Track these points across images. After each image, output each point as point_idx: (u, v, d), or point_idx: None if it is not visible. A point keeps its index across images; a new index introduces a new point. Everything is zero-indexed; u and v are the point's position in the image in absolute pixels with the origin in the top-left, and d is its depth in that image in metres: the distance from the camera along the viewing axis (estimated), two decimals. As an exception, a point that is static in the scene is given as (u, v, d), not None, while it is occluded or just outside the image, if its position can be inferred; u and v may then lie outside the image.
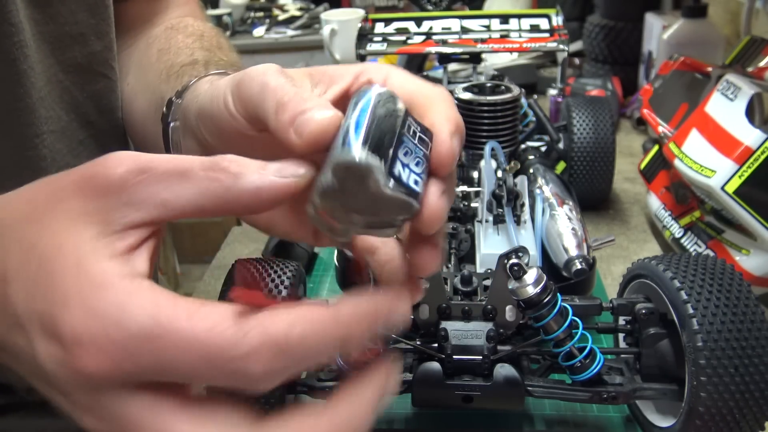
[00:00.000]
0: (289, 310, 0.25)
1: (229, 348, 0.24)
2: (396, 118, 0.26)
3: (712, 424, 0.44)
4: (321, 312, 0.25)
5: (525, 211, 0.64)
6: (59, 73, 0.55)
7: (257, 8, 2.01)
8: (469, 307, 0.51)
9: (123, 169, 0.26)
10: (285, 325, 0.25)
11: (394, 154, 0.26)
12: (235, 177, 0.26)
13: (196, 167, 0.27)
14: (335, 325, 0.25)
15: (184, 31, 0.59)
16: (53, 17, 0.53)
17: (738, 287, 0.46)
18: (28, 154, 0.52)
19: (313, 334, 0.25)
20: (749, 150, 0.63)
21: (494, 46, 0.86)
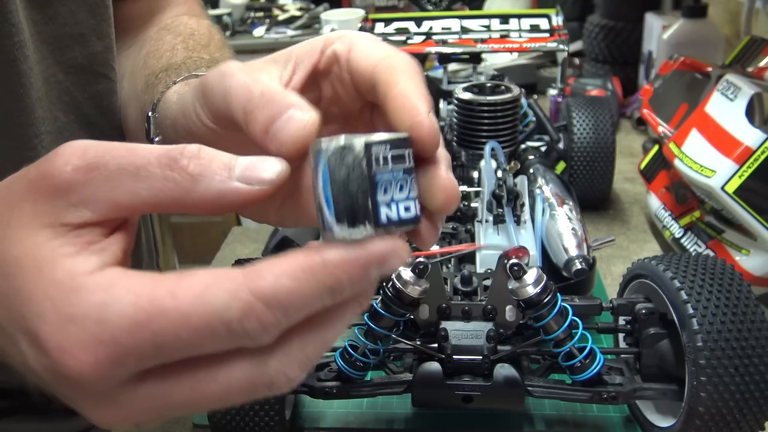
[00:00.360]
0: (275, 262, 0.24)
1: (219, 313, 0.23)
2: (360, 166, 0.25)
3: (712, 424, 0.44)
4: (308, 260, 0.24)
5: (525, 211, 0.64)
6: (59, 73, 0.55)
7: (257, 8, 2.01)
8: (469, 307, 0.51)
9: (71, 166, 0.25)
10: (271, 279, 0.24)
11: (374, 203, 0.25)
12: (194, 180, 0.25)
13: (152, 164, 0.25)
14: (324, 271, 0.24)
15: (174, 30, 0.59)
16: (53, 18, 0.53)
17: (738, 287, 0.46)
18: (28, 155, 0.52)
19: (301, 284, 0.24)
20: (749, 150, 0.63)
21: (494, 46, 0.86)
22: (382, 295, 0.48)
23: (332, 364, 0.51)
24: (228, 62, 0.31)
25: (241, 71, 0.30)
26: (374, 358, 0.51)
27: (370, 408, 0.56)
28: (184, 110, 0.35)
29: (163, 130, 0.42)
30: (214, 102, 0.31)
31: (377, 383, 0.51)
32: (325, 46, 0.31)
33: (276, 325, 0.24)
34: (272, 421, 0.48)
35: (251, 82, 0.29)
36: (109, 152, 0.25)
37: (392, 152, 0.26)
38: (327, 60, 0.32)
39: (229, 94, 0.30)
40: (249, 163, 0.25)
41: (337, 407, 0.56)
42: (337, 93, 0.33)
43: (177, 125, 0.37)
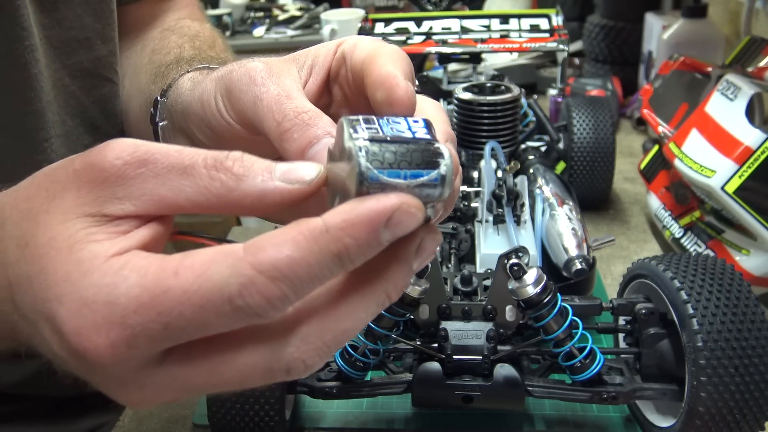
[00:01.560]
0: (277, 232, 0.24)
1: (220, 289, 0.23)
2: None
3: (712, 424, 0.44)
4: (309, 226, 0.23)
5: (525, 211, 0.64)
6: (65, 77, 0.55)
7: (257, 8, 2.01)
8: (469, 307, 0.51)
9: (122, 160, 0.25)
10: (272, 250, 0.23)
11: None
12: (238, 179, 0.25)
13: (199, 164, 0.25)
14: (327, 237, 0.23)
15: (179, 32, 0.59)
16: (60, 22, 0.53)
17: (738, 287, 0.46)
18: (38, 158, 0.52)
19: (304, 252, 0.23)
20: (749, 150, 0.63)
21: (494, 46, 0.86)
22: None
23: (332, 364, 0.51)
24: (253, 62, 0.32)
25: (269, 78, 0.31)
26: (374, 358, 0.51)
27: (370, 408, 0.56)
28: (203, 100, 0.35)
29: (171, 115, 0.42)
30: (241, 106, 0.32)
31: (377, 383, 0.51)
32: (338, 49, 0.33)
33: (282, 298, 0.23)
34: (272, 421, 0.48)
35: (282, 96, 0.30)
36: (158, 150, 0.26)
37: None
38: (337, 62, 0.33)
39: (260, 104, 0.30)
40: (290, 166, 0.26)
41: (337, 407, 0.56)
42: (345, 95, 0.34)
43: (190, 113, 0.38)
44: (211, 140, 0.37)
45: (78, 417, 0.63)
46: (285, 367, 0.26)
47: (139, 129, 0.57)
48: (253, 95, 0.31)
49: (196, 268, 0.24)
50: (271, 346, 0.25)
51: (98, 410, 0.65)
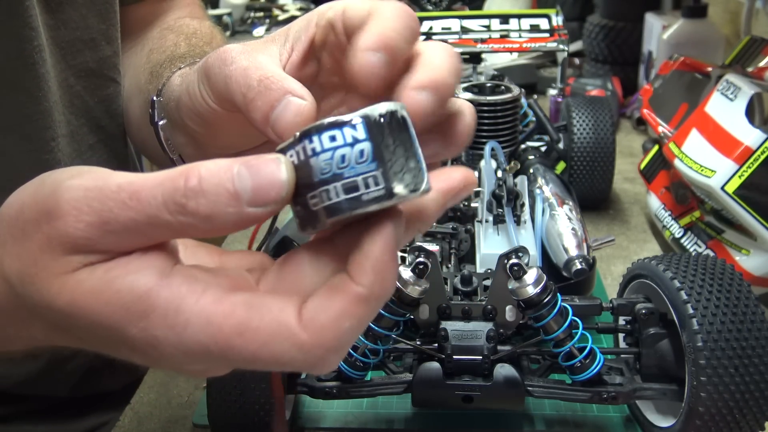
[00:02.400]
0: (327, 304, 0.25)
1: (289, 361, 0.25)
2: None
3: (712, 424, 0.44)
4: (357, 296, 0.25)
5: (525, 211, 0.64)
6: (70, 77, 0.55)
7: (257, 8, 2.01)
8: (469, 307, 0.51)
9: (83, 224, 0.24)
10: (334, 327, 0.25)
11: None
12: (208, 220, 0.24)
13: (162, 211, 0.24)
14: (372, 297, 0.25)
15: (177, 30, 0.59)
16: (65, 23, 0.53)
17: (738, 287, 0.46)
18: (45, 157, 0.52)
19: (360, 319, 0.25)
20: (749, 150, 0.63)
21: (494, 46, 0.86)
22: (382, 295, 0.48)
23: (332, 364, 0.51)
24: (227, 46, 0.32)
25: (241, 54, 0.30)
26: (374, 358, 0.50)
27: (370, 408, 0.56)
28: (189, 90, 0.35)
29: (167, 112, 0.42)
30: (216, 86, 0.32)
31: (377, 383, 0.51)
32: (320, 18, 0.32)
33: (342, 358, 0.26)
34: (272, 421, 0.48)
35: (250, 68, 0.29)
36: (115, 203, 0.24)
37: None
38: (323, 31, 0.32)
39: (229, 80, 0.30)
40: (253, 186, 0.24)
41: (337, 407, 0.56)
42: (336, 62, 0.33)
43: (181, 105, 0.38)
44: (202, 127, 0.37)
45: (78, 417, 0.63)
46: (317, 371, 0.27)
47: (141, 129, 0.57)
48: (224, 75, 0.30)
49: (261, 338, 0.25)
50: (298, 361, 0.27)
51: (98, 410, 0.65)
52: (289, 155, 0.25)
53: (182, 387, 0.61)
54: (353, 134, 0.24)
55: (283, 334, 0.25)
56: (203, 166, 0.24)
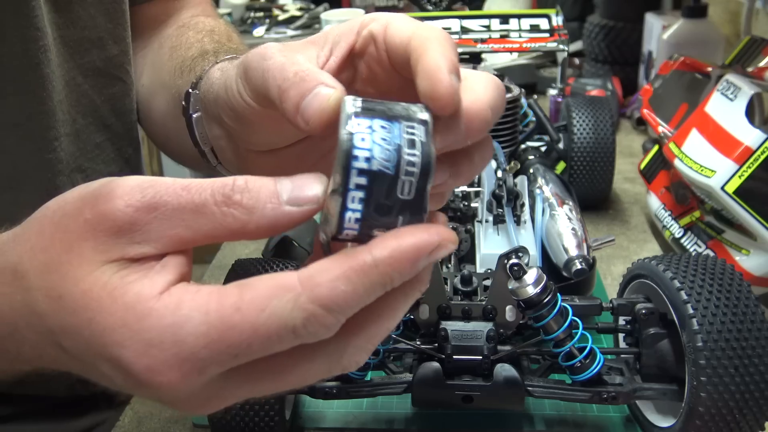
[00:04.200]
0: (326, 266, 0.25)
1: (284, 322, 0.25)
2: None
3: (712, 424, 0.44)
4: (360, 262, 0.25)
5: (525, 211, 0.64)
6: (78, 76, 0.56)
7: (257, 8, 2.01)
8: (469, 307, 0.51)
9: (132, 208, 0.26)
10: (328, 286, 0.25)
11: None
12: (250, 212, 0.26)
13: (209, 202, 0.26)
14: (376, 271, 0.25)
15: (194, 27, 0.60)
16: (74, 21, 0.54)
17: (738, 287, 0.46)
18: (48, 156, 0.53)
19: (356, 286, 0.25)
20: (749, 150, 0.63)
21: (494, 46, 0.86)
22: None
23: (332, 364, 0.51)
24: (268, 44, 0.32)
25: (279, 52, 0.31)
26: (374, 358, 0.51)
27: (370, 408, 0.56)
28: (227, 86, 0.36)
29: (204, 105, 0.43)
30: (254, 81, 0.32)
31: (377, 383, 0.51)
32: (362, 28, 0.32)
33: (337, 324, 0.26)
34: (272, 422, 0.48)
35: (287, 63, 0.30)
36: (166, 192, 0.26)
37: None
38: (363, 41, 0.32)
39: (267, 73, 0.31)
40: (293, 187, 0.26)
41: (337, 407, 0.56)
42: (373, 73, 0.33)
43: (219, 100, 0.39)
44: (236, 123, 0.38)
45: (75, 416, 0.64)
46: (341, 369, 0.28)
47: (166, 124, 0.58)
48: (263, 68, 0.31)
49: (258, 304, 0.25)
50: (330, 357, 0.28)
51: (95, 410, 0.65)
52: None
53: (182, 387, 0.61)
54: None
55: (280, 291, 0.25)
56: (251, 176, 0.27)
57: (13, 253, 0.29)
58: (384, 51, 0.31)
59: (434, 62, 0.27)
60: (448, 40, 0.29)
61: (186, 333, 0.25)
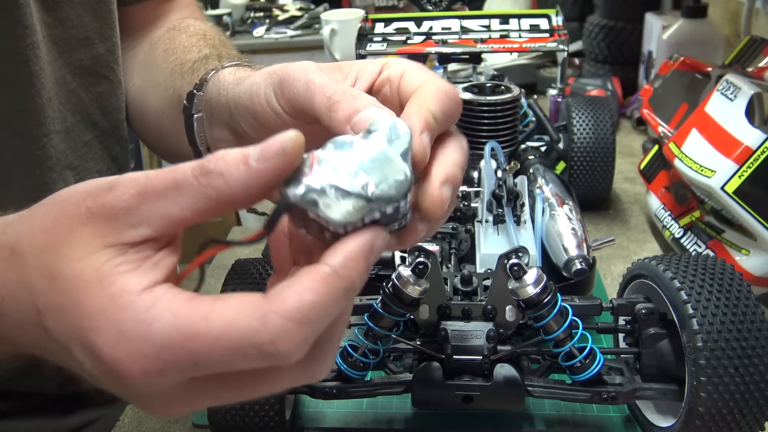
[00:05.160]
0: (289, 283, 0.27)
1: (250, 337, 0.26)
2: None
3: (712, 424, 0.44)
4: (320, 272, 0.27)
5: (525, 211, 0.64)
6: (67, 75, 0.56)
7: (257, 8, 2.01)
8: (469, 307, 0.51)
9: (127, 194, 0.28)
10: (295, 298, 0.26)
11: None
12: (223, 177, 0.27)
13: (188, 176, 0.27)
14: (337, 278, 0.27)
15: (186, 31, 0.62)
16: (62, 20, 0.54)
17: (738, 287, 0.46)
18: (37, 153, 0.53)
19: (322, 295, 0.26)
20: (749, 150, 0.63)
21: (494, 46, 0.86)
22: (382, 295, 0.48)
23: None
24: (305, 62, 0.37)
25: (320, 70, 0.36)
26: (374, 358, 0.50)
27: (370, 408, 0.56)
28: (252, 92, 0.39)
29: (209, 107, 0.46)
30: (293, 91, 0.36)
31: (377, 383, 0.51)
32: (385, 68, 0.36)
33: (307, 341, 0.27)
34: (272, 422, 0.48)
35: (332, 82, 0.34)
36: (156, 176, 0.28)
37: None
38: (381, 80, 0.36)
39: (312, 85, 0.35)
40: (262, 145, 0.28)
41: (337, 407, 0.56)
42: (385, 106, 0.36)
43: (237, 105, 0.41)
44: (257, 131, 0.40)
45: (66, 414, 0.64)
46: (307, 382, 0.29)
47: (160, 122, 0.59)
48: (306, 80, 0.35)
49: (226, 316, 0.26)
50: (296, 374, 0.29)
51: (86, 407, 0.65)
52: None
53: (182, 387, 0.61)
54: None
55: (247, 309, 0.26)
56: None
57: (15, 233, 0.30)
58: (396, 93, 0.35)
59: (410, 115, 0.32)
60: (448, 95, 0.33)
61: (153, 332, 0.26)
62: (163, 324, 0.26)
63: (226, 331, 0.26)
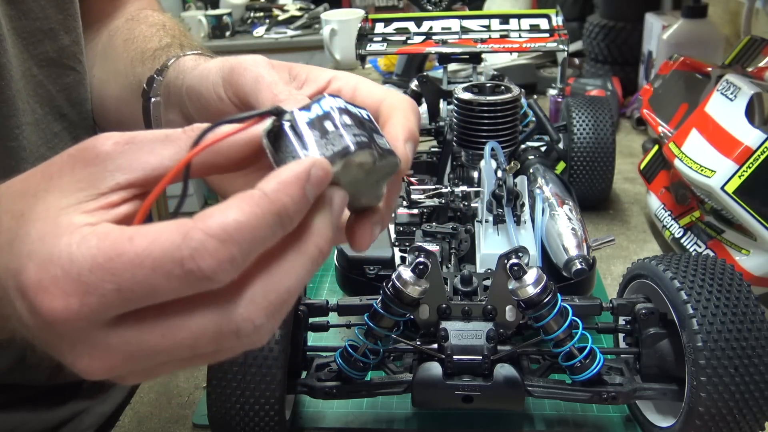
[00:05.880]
0: (221, 203, 0.26)
1: (171, 253, 0.25)
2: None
3: (712, 424, 0.44)
4: (250, 193, 0.26)
5: (525, 211, 0.64)
6: (33, 67, 0.57)
7: (257, 8, 2.01)
8: (469, 307, 0.51)
9: (112, 141, 0.28)
10: (219, 216, 0.25)
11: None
12: (215, 135, 0.29)
13: (178, 132, 0.29)
14: (267, 200, 0.26)
15: (145, 21, 0.63)
16: (25, 13, 0.55)
17: (738, 287, 0.46)
18: (11, 144, 0.54)
19: (248, 215, 0.26)
20: (749, 150, 0.63)
21: (494, 46, 0.86)
22: (382, 295, 0.48)
23: (332, 364, 0.51)
24: (257, 56, 0.38)
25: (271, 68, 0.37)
26: (374, 358, 0.51)
27: (370, 408, 0.56)
28: (202, 76, 0.41)
29: (167, 90, 0.47)
30: (241, 81, 0.37)
31: (377, 383, 0.51)
32: (334, 80, 0.37)
33: (231, 260, 0.25)
34: (272, 421, 0.48)
35: (281, 82, 0.36)
36: (143, 132, 0.29)
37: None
38: (330, 92, 0.37)
39: (262, 80, 0.36)
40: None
41: (337, 407, 0.56)
42: None
43: (191, 90, 0.43)
44: (200, 114, 0.42)
45: (54, 406, 0.65)
46: (235, 328, 0.27)
47: (120, 110, 0.60)
48: (257, 74, 0.36)
49: (150, 235, 0.25)
50: (220, 308, 0.27)
51: (74, 399, 0.66)
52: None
53: (182, 387, 0.61)
54: None
55: (171, 227, 0.25)
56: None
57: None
58: None
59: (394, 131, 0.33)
60: (411, 107, 0.34)
61: (79, 253, 0.25)
62: (88, 245, 0.26)
63: (149, 249, 0.25)
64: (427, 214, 0.69)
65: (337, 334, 0.65)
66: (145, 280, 0.25)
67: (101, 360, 0.27)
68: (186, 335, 0.27)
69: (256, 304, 0.27)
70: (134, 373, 0.28)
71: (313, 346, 0.54)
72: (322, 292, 0.74)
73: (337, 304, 0.53)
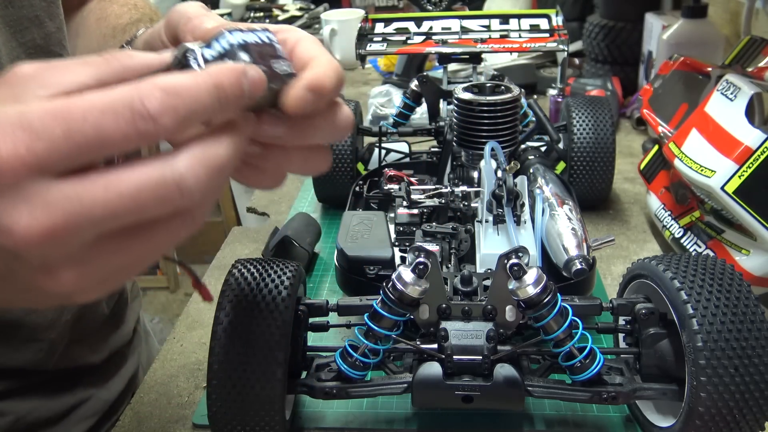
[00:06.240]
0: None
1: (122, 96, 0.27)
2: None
3: (712, 424, 0.44)
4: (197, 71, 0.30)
5: (525, 211, 0.64)
6: (22, 54, 0.58)
7: (257, 8, 2.01)
8: (469, 307, 0.51)
9: (33, 66, 0.30)
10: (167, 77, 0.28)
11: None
12: (130, 56, 0.31)
13: (95, 56, 0.31)
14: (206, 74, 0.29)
15: (117, 1, 0.67)
16: (11, 1, 0.56)
17: (738, 287, 0.46)
18: None
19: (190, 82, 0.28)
20: (749, 150, 0.63)
21: (494, 46, 0.86)
22: (382, 295, 0.48)
23: (332, 364, 0.51)
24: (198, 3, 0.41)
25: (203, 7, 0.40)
26: (374, 358, 0.51)
27: (370, 408, 0.56)
28: (153, 31, 0.44)
29: None
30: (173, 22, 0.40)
31: (377, 383, 0.51)
32: (280, 31, 0.38)
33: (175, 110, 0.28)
34: (272, 421, 0.48)
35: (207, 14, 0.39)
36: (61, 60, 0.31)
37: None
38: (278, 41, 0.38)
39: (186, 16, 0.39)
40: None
41: (337, 407, 0.56)
42: None
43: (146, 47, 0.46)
44: None
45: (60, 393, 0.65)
46: (178, 176, 0.28)
47: None
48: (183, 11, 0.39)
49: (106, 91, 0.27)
50: (162, 161, 0.29)
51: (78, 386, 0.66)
52: None
53: (182, 387, 0.61)
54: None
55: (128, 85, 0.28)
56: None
57: None
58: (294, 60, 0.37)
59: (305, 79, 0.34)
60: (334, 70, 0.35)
61: (32, 107, 0.26)
62: (41, 102, 0.27)
63: (101, 96, 0.27)
64: (427, 214, 0.69)
65: (337, 334, 0.65)
66: (95, 122, 0.26)
67: (40, 218, 0.26)
68: (128, 186, 0.27)
69: (196, 157, 0.29)
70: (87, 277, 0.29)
71: (313, 346, 0.54)
72: (322, 292, 0.74)
73: (337, 304, 0.53)
